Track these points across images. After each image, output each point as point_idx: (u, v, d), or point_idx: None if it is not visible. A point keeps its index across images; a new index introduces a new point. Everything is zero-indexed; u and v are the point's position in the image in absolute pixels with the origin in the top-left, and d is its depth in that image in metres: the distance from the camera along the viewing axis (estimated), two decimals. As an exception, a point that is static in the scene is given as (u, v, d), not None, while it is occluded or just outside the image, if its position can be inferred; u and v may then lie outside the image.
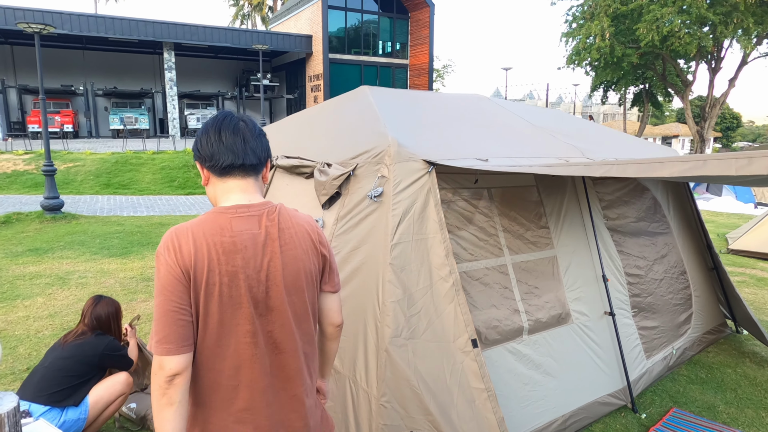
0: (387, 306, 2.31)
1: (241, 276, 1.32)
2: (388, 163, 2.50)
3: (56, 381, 2.54)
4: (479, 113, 3.78)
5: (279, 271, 1.36)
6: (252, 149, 1.42)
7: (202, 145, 1.41)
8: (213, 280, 1.30)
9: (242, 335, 1.33)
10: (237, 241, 1.33)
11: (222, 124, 1.41)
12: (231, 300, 1.31)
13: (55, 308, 4.87)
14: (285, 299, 1.37)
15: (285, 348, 1.39)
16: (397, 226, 2.42)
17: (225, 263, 1.31)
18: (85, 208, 10.47)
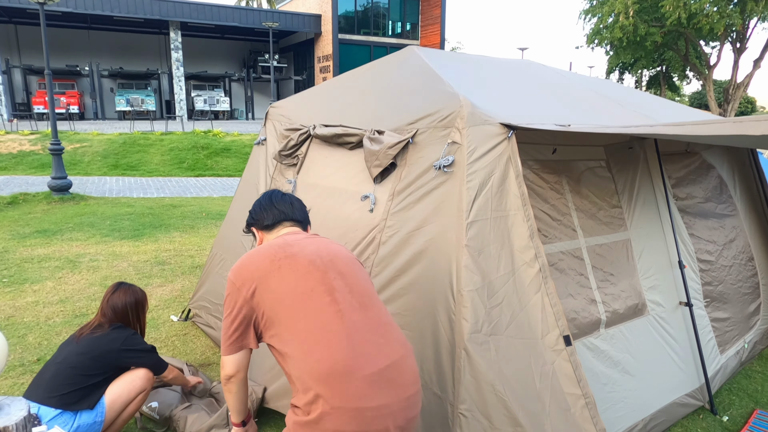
0: (464, 296, 1.93)
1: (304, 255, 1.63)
2: (461, 127, 2.10)
3: (69, 380, 2.20)
4: (537, 78, 3.36)
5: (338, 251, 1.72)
6: (299, 209, 1.89)
7: (255, 212, 1.86)
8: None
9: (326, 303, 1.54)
10: (289, 240, 1.69)
11: (272, 194, 1.89)
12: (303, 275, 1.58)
13: (65, 293, 4.54)
14: (350, 266, 1.67)
15: (365, 302, 1.59)
16: (473, 201, 2.04)
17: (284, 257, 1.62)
18: (93, 189, 10.14)
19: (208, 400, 2.80)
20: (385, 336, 1.53)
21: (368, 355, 1.45)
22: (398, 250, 2.25)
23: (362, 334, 1.48)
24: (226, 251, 3.66)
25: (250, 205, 3.53)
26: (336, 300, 1.52)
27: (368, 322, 1.53)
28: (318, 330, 1.45)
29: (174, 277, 5.06)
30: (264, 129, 3.63)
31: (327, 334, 1.45)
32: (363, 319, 1.53)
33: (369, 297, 1.61)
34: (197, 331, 3.87)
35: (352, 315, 1.51)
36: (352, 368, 1.41)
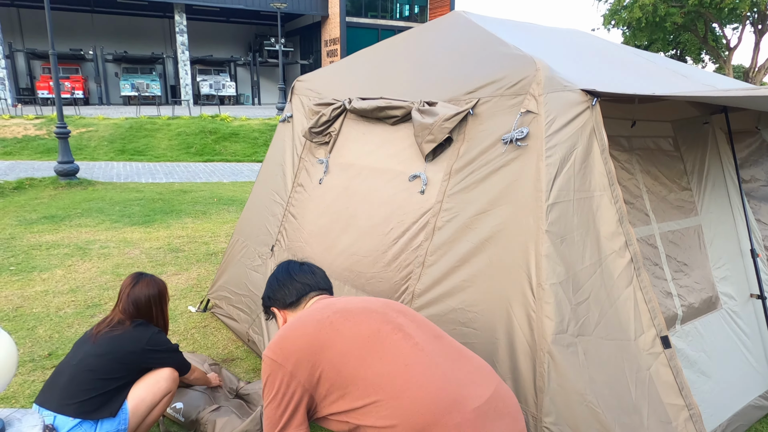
0: (546, 290, 1.65)
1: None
2: (538, 94, 1.80)
3: (87, 385, 1.94)
4: (593, 47, 3.04)
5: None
6: (322, 278, 1.69)
7: (273, 290, 1.66)
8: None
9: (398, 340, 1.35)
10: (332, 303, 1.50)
11: (289, 267, 1.70)
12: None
13: (76, 282, 4.29)
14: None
15: (436, 333, 1.42)
16: (553, 179, 1.75)
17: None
18: (100, 174, 9.88)
19: (236, 402, 2.54)
20: (472, 363, 1.32)
21: (467, 385, 1.23)
22: (458, 236, 1.96)
23: (450, 364, 1.27)
24: (249, 237, 3.39)
25: (274, 187, 3.25)
26: (409, 335, 1.32)
27: (449, 351, 1.32)
28: (403, 368, 1.23)
29: (189, 264, 4.81)
30: (290, 105, 3.33)
31: (414, 370, 1.22)
32: (443, 349, 1.32)
33: (437, 329, 1.43)
34: (218, 323, 3.62)
35: (429, 346, 1.30)
36: (458, 402, 1.18)
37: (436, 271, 2.01)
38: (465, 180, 2.01)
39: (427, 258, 2.07)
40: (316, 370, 1.27)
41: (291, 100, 3.33)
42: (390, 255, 2.26)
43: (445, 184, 2.09)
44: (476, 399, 1.19)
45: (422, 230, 2.14)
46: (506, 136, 1.86)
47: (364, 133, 2.71)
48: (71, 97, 21.57)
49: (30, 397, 2.67)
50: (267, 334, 2.90)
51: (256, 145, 13.46)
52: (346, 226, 2.63)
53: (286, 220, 3.08)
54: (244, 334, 3.26)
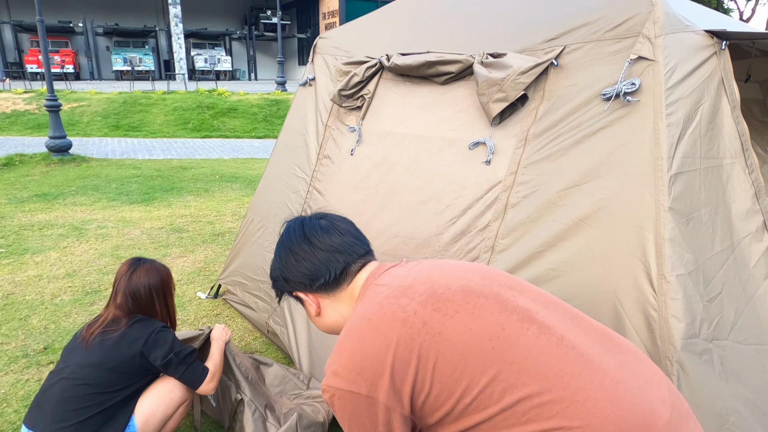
0: (671, 283, 1.31)
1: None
2: (654, 35, 1.42)
3: (84, 402, 1.58)
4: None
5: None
6: (356, 235, 1.18)
7: (291, 270, 1.13)
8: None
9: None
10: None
11: (304, 230, 1.15)
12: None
13: (72, 265, 3.93)
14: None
15: (570, 312, 1.00)
16: (676, 143, 1.38)
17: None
18: (94, 150, 9.43)
19: (263, 400, 2.18)
20: (631, 353, 0.93)
21: (643, 390, 0.85)
22: (541, 215, 1.61)
23: (617, 368, 0.87)
24: (267, 217, 3.03)
25: (295, 160, 2.87)
26: (545, 326, 0.92)
27: (601, 340, 0.93)
28: (557, 381, 0.84)
29: (194, 246, 4.45)
30: (311, 66, 2.93)
31: (574, 383, 0.83)
32: (592, 338, 0.92)
33: (563, 304, 1.01)
34: (231, 311, 3.28)
35: (577, 337, 0.91)
36: (647, 418, 0.81)
37: (510, 258, 1.66)
38: (547, 147, 1.65)
39: (498, 241, 1.72)
40: (419, 394, 0.89)
41: (313, 60, 2.93)
42: (447, 237, 1.91)
43: (519, 153, 1.73)
44: (663, 410, 0.83)
45: (490, 208, 1.78)
46: (608, 91, 1.49)
47: (405, 95, 2.32)
48: (62, 72, 20.85)
49: (24, 399, 2.33)
50: (292, 326, 2.56)
51: (255, 121, 12.98)
52: (385, 204, 2.27)
53: (310, 196, 2.71)
54: (262, 325, 2.92)
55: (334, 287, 1.11)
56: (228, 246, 4.45)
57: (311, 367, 2.39)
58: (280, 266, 1.15)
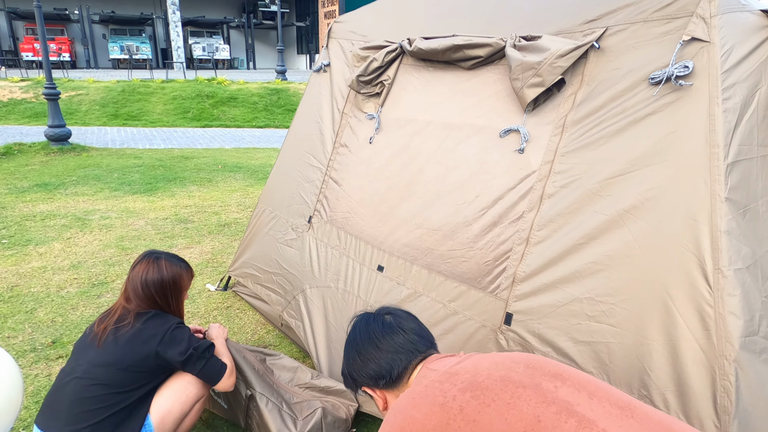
0: (728, 278, 1.24)
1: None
2: (709, 15, 1.34)
3: (99, 403, 1.52)
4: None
5: None
6: (419, 332, 1.24)
7: (358, 369, 1.23)
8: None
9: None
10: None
11: (369, 332, 1.24)
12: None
13: (77, 256, 3.85)
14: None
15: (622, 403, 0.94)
16: (733, 130, 1.31)
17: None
18: (94, 139, 9.29)
19: (274, 391, 2.10)
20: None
21: None
22: (581, 206, 1.53)
23: None
24: (279, 207, 2.95)
25: (309, 149, 2.79)
26: (585, 418, 0.87)
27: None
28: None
29: (200, 237, 4.37)
30: (326, 51, 2.83)
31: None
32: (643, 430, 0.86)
33: (620, 394, 0.95)
34: (242, 304, 3.21)
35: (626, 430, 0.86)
36: None
37: (547, 250, 1.59)
38: (588, 134, 1.57)
39: (533, 233, 1.64)
40: None
41: (328, 45, 2.83)
42: (476, 229, 1.83)
43: (556, 140, 1.65)
44: None
45: (523, 198, 1.70)
46: (657, 74, 1.40)
47: (428, 80, 2.24)
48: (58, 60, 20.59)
49: (34, 395, 2.26)
50: (308, 319, 2.49)
51: (256, 110, 12.84)
52: (407, 193, 2.19)
53: (326, 186, 2.63)
54: (275, 318, 2.85)
55: (397, 383, 1.18)
56: (235, 237, 4.38)
57: (330, 362, 2.32)
58: (347, 365, 1.26)
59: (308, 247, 2.64)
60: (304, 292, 2.58)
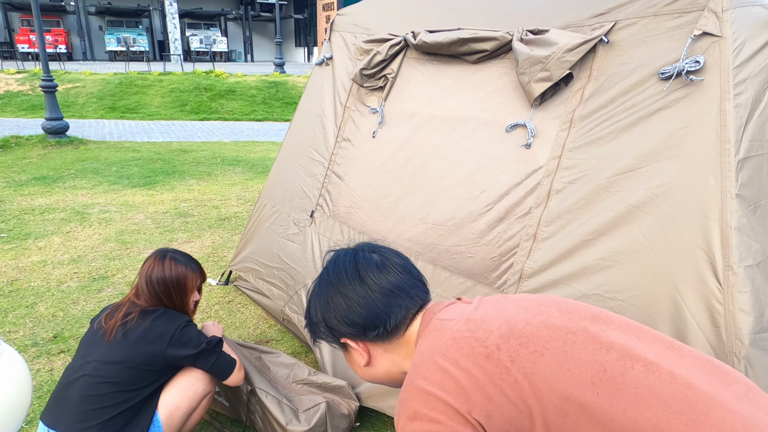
0: (739, 275, 1.23)
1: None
2: (721, 9, 1.33)
3: (109, 400, 1.51)
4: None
5: None
6: (416, 277, 1.00)
7: (340, 316, 0.96)
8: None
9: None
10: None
11: (358, 269, 0.97)
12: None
13: (77, 251, 3.83)
14: None
15: (667, 342, 0.86)
16: (744, 125, 1.30)
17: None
18: (91, 132, 9.24)
19: (272, 386, 2.10)
20: (741, 381, 0.79)
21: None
22: (590, 201, 1.53)
23: (729, 397, 0.74)
24: (281, 201, 2.93)
25: (311, 143, 2.77)
26: (651, 362, 0.77)
27: (708, 371, 0.79)
28: (681, 426, 0.70)
29: (200, 231, 4.35)
30: (328, 44, 2.81)
31: (700, 428, 0.70)
32: (701, 371, 0.78)
33: (654, 332, 0.87)
34: (243, 299, 3.20)
35: (688, 373, 0.77)
36: None
37: (555, 246, 1.58)
38: (596, 129, 1.55)
39: (541, 229, 1.63)
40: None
41: (330, 38, 2.80)
42: (482, 224, 1.82)
43: (564, 135, 1.64)
44: None
45: (531, 194, 1.69)
46: (667, 69, 1.39)
47: (432, 74, 2.22)
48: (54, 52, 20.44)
49: (36, 390, 2.25)
50: (311, 315, 2.48)
51: (254, 103, 12.77)
52: (410, 188, 2.18)
53: (328, 181, 2.61)
54: (277, 312, 2.84)
55: (392, 335, 0.95)
56: (235, 231, 4.36)
57: (333, 356, 2.32)
58: (323, 309, 0.97)
59: (310, 242, 2.63)
60: (306, 287, 2.57)
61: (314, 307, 1.00)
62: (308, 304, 1.02)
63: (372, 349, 0.98)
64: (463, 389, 0.77)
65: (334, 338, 0.99)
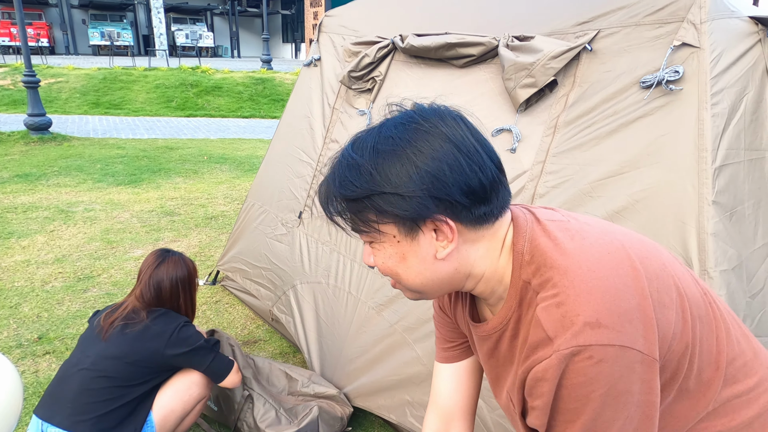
0: (714, 279, 1.28)
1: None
2: (700, 21, 1.37)
3: (105, 395, 1.53)
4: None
5: None
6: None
7: (457, 176, 0.67)
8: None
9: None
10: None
11: (466, 123, 0.72)
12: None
13: (61, 250, 3.79)
14: None
15: None
16: (721, 134, 1.34)
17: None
18: (75, 128, 9.11)
19: (269, 395, 2.12)
20: None
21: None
22: (572, 206, 1.56)
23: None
24: (268, 202, 2.94)
25: (299, 144, 2.78)
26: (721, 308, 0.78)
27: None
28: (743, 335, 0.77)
29: (187, 230, 4.34)
30: (316, 45, 2.81)
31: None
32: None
33: None
34: (231, 298, 3.20)
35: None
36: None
37: (539, 250, 1.62)
38: (579, 135, 1.59)
39: (525, 232, 1.66)
40: (684, 358, 0.68)
41: (318, 39, 2.81)
42: (468, 227, 1.85)
43: (548, 141, 1.67)
44: None
45: (515, 197, 1.73)
46: (648, 78, 1.43)
47: (419, 77, 2.24)
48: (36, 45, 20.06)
49: (21, 392, 2.24)
50: (299, 315, 2.50)
51: (241, 100, 12.69)
52: (398, 191, 2.20)
53: (317, 182, 2.62)
54: (265, 312, 2.85)
55: (485, 221, 0.71)
56: (222, 230, 4.35)
57: (321, 357, 2.34)
58: (431, 166, 0.66)
59: (298, 243, 2.64)
60: (294, 288, 2.59)
61: (404, 165, 0.66)
62: (379, 163, 0.67)
63: (457, 238, 0.70)
64: (638, 291, 0.66)
65: (418, 212, 0.67)
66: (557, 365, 0.63)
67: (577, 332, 0.61)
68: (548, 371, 0.64)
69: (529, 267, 0.71)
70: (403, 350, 2.00)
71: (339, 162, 0.71)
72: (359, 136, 0.72)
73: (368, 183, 0.67)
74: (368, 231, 0.72)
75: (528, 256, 0.71)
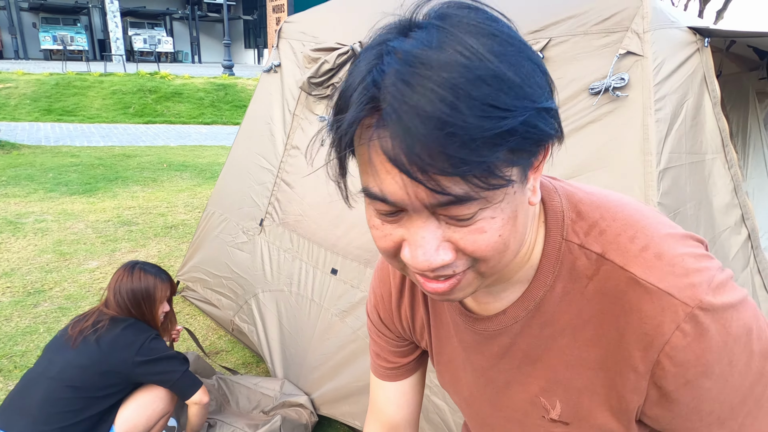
0: (661, 277, 1.33)
1: None
2: (642, 30, 1.43)
3: (70, 405, 1.50)
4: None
5: None
6: None
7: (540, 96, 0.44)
8: None
9: None
10: None
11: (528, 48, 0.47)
12: None
13: (10, 263, 3.62)
14: None
15: None
16: (664, 139, 1.40)
17: None
18: (25, 136, 8.73)
19: (235, 419, 2.06)
20: None
21: None
22: (528, 209, 1.60)
23: None
24: (229, 210, 2.89)
25: (260, 150, 2.75)
26: None
27: None
28: None
29: (145, 240, 4.21)
30: (276, 51, 2.80)
31: None
32: None
33: None
34: (192, 309, 3.13)
35: None
36: None
37: (497, 252, 1.65)
38: (533, 140, 1.63)
39: (484, 236, 1.69)
40: None
41: (278, 45, 2.79)
42: (429, 232, 1.87)
43: (504, 146, 1.71)
44: None
45: (474, 202, 1.76)
46: (596, 85, 1.48)
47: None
48: (-18, 50, 19.17)
49: (-36, 414, 2.12)
50: (261, 324, 2.46)
51: (202, 106, 12.45)
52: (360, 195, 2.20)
53: (278, 189, 2.60)
54: (227, 322, 2.80)
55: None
56: (182, 239, 4.25)
57: (284, 366, 2.31)
58: (526, 82, 0.43)
59: (260, 251, 2.61)
60: (256, 296, 2.55)
61: (529, 63, 0.45)
62: (514, 64, 0.44)
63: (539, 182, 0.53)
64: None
65: (532, 143, 0.44)
66: (709, 321, 0.48)
67: (706, 296, 0.49)
68: (702, 334, 0.48)
69: (578, 225, 0.56)
70: (366, 356, 2.00)
71: (454, 83, 0.40)
72: (436, 39, 0.42)
73: (521, 99, 0.42)
74: (489, 187, 0.43)
75: (572, 214, 0.56)
